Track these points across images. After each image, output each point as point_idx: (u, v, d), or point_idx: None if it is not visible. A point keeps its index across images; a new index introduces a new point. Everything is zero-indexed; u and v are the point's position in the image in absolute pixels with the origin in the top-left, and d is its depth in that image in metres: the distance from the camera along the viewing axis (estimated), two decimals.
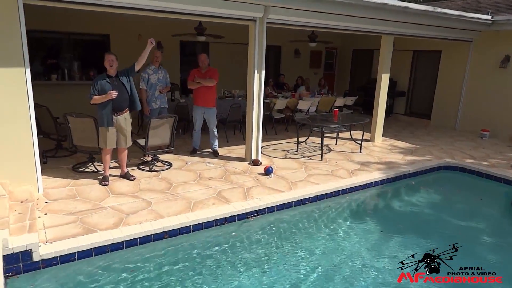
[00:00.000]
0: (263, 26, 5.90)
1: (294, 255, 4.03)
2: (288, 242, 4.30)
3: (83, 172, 5.63)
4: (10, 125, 4.38)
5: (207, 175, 5.73)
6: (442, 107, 10.39)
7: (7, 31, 4.15)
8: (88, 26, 8.81)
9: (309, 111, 9.08)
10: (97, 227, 3.97)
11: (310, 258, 3.97)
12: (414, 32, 7.77)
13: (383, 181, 6.03)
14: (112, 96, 4.90)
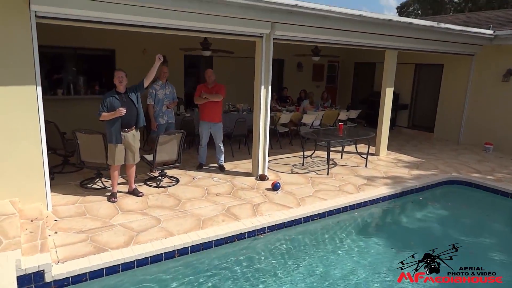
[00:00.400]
0: (269, 42, 5.96)
1: (306, 272, 4.00)
2: (300, 259, 4.27)
3: (91, 188, 5.62)
4: (21, 142, 4.39)
5: (215, 191, 5.72)
6: (445, 120, 10.44)
7: (20, 49, 4.18)
8: (94, 41, 8.87)
9: (313, 124, 9.10)
10: (108, 245, 3.95)
11: (324, 275, 3.95)
12: (417, 46, 7.85)
13: (390, 196, 6.02)
14: (121, 113, 4.92)
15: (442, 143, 9.94)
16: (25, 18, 4.14)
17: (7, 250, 3.36)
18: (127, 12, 4.54)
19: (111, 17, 4.54)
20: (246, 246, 4.44)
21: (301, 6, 5.21)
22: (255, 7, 5.02)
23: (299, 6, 5.17)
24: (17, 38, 4.15)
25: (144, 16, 4.69)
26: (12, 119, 4.28)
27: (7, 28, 4.08)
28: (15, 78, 4.21)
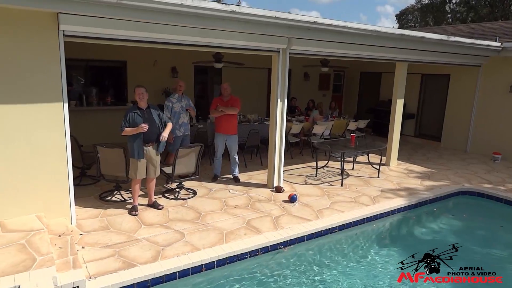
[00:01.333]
0: (286, 57, 6.06)
1: (332, 283, 4.06)
2: (324, 270, 4.34)
3: (110, 201, 5.68)
4: (47, 157, 4.45)
5: (233, 203, 5.79)
6: (452, 129, 10.55)
7: (49, 67, 4.27)
8: (106, 53, 8.96)
9: (324, 134, 9.20)
10: (136, 260, 4.01)
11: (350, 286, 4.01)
12: (427, 58, 7.97)
13: (405, 208, 6.10)
14: (144, 130, 4.99)
15: (450, 153, 10.04)
16: (53, 37, 4.23)
17: (42, 267, 3.42)
18: (153, 31, 4.64)
19: (136, 35, 4.63)
20: (270, 260, 4.51)
21: (319, 23, 5.32)
22: (275, 24, 5.13)
23: (317, 22, 5.29)
24: (46, 56, 4.24)
25: (168, 34, 4.79)
26: (39, 135, 4.36)
27: (37, 47, 4.17)
28: (44, 95, 4.30)
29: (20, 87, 4.15)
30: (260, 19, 4.92)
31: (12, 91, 4.12)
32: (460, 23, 23.78)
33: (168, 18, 4.41)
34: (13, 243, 3.80)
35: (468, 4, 25.18)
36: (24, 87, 4.17)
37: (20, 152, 4.27)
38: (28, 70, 4.17)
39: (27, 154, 4.32)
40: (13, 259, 3.51)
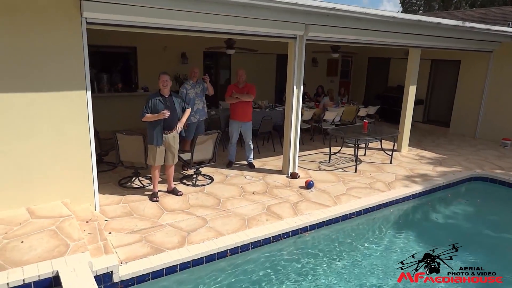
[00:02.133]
0: (302, 43, 6.05)
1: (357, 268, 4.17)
2: (346, 255, 4.45)
3: (130, 187, 5.75)
4: (71, 145, 4.50)
5: (250, 189, 5.86)
6: (461, 115, 10.56)
7: (72, 55, 4.27)
8: (116, 39, 8.92)
9: (334, 121, 9.22)
10: (164, 246, 4.09)
11: (370, 268, 4.11)
12: (440, 44, 7.93)
13: (420, 193, 6.18)
14: (165, 116, 5.01)
15: (459, 138, 10.08)
16: (76, 24, 4.22)
17: (76, 253, 3.50)
18: (173, 17, 4.63)
19: (156, 22, 4.62)
20: (292, 244, 4.61)
21: (338, 9, 5.29)
22: (294, 11, 5.11)
23: (336, 9, 5.25)
24: (69, 44, 4.24)
25: (188, 21, 4.77)
26: (64, 123, 4.39)
27: (59, 35, 4.16)
28: (67, 83, 4.32)
29: (44, 75, 4.17)
30: (280, 5, 4.89)
31: (36, 79, 4.13)
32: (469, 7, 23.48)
33: (189, 4, 4.38)
34: (45, 229, 3.88)
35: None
36: (48, 75, 4.19)
37: (46, 140, 4.32)
38: (52, 58, 4.17)
39: (52, 141, 4.36)
40: (47, 245, 3.60)
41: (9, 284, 3.06)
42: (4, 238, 3.68)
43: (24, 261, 3.32)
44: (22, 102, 4.10)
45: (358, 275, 4.07)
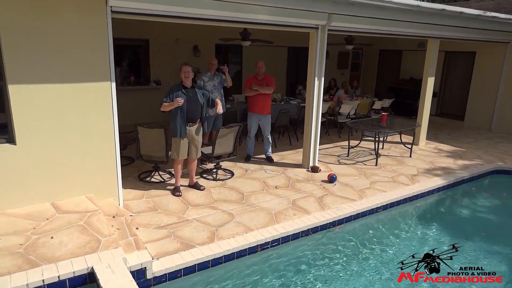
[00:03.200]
0: (324, 34, 5.91)
1: (393, 258, 4.08)
2: (378, 247, 4.36)
3: (150, 182, 5.65)
4: (95, 139, 4.38)
5: (272, 183, 5.75)
6: (476, 108, 10.42)
7: (96, 46, 4.14)
8: (129, 31, 8.76)
9: (349, 114, 9.10)
10: (193, 241, 3.99)
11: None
12: (458, 35, 7.80)
13: (444, 187, 6.07)
14: (179, 104, 4.82)
15: (474, 132, 9.96)
16: (101, 13, 4.09)
17: (109, 248, 3.40)
18: (195, 5, 4.50)
19: (181, 10, 4.49)
20: (321, 238, 4.51)
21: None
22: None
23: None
24: (94, 34, 4.10)
25: (209, 9, 4.62)
26: (89, 115, 4.27)
27: (85, 25, 4.03)
28: (92, 73, 4.19)
29: (70, 66, 4.04)
30: None
31: (62, 70, 4.01)
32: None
33: None
34: (73, 224, 3.78)
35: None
36: (73, 65, 4.06)
37: (71, 132, 4.20)
38: (76, 48, 4.04)
39: (77, 134, 4.25)
40: (78, 241, 3.50)
41: (44, 281, 2.97)
42: (33, 233, 3.58)
43: (57, 258, 3.22)
44: (47, 93, 3.98)
45: (393, 269, 3.97)
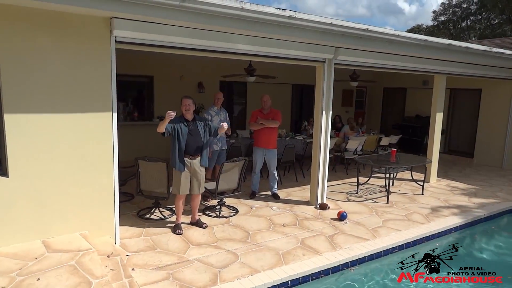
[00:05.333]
0: (331, 67, 5.84)
1: None
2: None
3: (150, 219, 5.34)
4: (94, 171, 4.15)
5: (279, 221, 5.43)
6: (486, 145, 10.20)
7: (100, 76, 4.03)
8: (133, 67, 8.81)
9: (356, 150, 8.89)
10: (194, 284, 3.64)
11: None
12: (464, 71, 7.75)
13: (461, 226, 5.71)
14: (168, 117, 4.52)
15: (485, 169, 9.67)
16: (106, 43, 4.01)
17: None
18: (208, 38, 4.44)
19: (189, 42, 4.41)
20: (334, 282, 4.13)
21: (372, 31, 5.10)
22: (328, 32, 4.90)
23: (370, 30, 5.06)
24: (98, 64, 4.00)
25: (222, 42, 4.58)
26: (87, 148, 4.07)
27: (89, 54, 3.93)
28: (94, 104, 4.04)
29: (70, 95, 3.90)
30: (316, 25, 4.68)
31: (62, 99, 3.86)
32: (477, 39, 23.71)
33: (226, 23, 4.17)
34: (63, 265, 3.46)
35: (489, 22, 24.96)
36: (74, 95, 3.92)
37: (66, 164, 3.98)
38: (78, 78, 3.92)
39: (73, 166, 4.02)
40: (66, 283, 3.17)
41: None
42: (18, 274, 3.26)
43: None
44: (45, 123, 3.80)
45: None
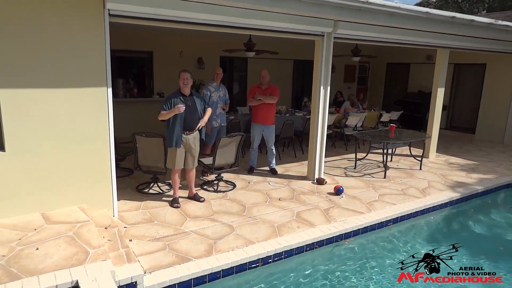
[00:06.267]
0: (330, 41, 5.75)
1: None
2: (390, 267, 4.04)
3: (148, 193, 5.43)
4: (90, 145, 4.19)
5: (276, 196, 5.50)
6: (488, 121, 10.12)
7: (93, 50, 4.01)
8: (133, 43, 8.73)
9: (356, 126, 8.86)
10: (190, 254, 3.74)
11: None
12: (468, 45, 7.58)
13: (457, 200, 5.76)
14: (180, 111, 4.66)
15: (486, 145, 9.63)
16: (99, 17, 3.96)
17: (97, 261, 3.16)
18: (200, 11, 4.36)
19: (181, 15, 4.35)
20: (328, 253, 4.22)
21: (372, 3, 4.98)
22: (325, 4, 4.80)
23: (370, 2, 4.95)
24: (91, 38, 3.97)
25: (213, 14, 4.50)
26: (83, 122, 4.10)
27: (81, 28, 3.90)
28: (88, 78, 4.04)
29: (64, 69, 3.89)
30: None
31: (56, 74, 3.86)
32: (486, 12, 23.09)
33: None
34: (61, 235, 3.55)
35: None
36: (68, 69, 3.91)
37: (63, 139, 4.02)
38: (71, 52, 3.90)
39: (70, 141, 4.06)
40: (64, 252, 3.26)
41: None
42: (18, 244, 3.36)
43: (40, 270, 2.98)
44: (40, 98, 3.82)
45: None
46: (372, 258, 4.21)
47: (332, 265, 4.02)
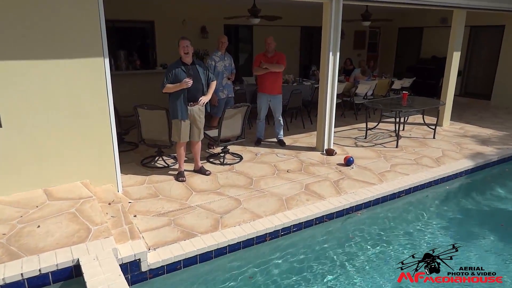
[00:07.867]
0: (339, 4, 5.41)
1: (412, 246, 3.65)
2: (403, 239, 3.91)
3: (153, 167, 5.31)
4: (89, 119, 4.03)
5: (284, 167, 5.34)
6: (504, 86, 9.71)
7: (87, 19, 3.77)
8: (133, 13, 8.41)
9: (367, 95, 8.55)
10: (195, 230, 3.63)
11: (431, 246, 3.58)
12: (486, 4, 7.13)
13: (473, 169, 5.55)
14: (187, 85, 4.48)
15: (503, 111, 9.28)
16: None
17: (99, 238, 3.07)
18: None
19: None
20: (340, 226, 4.09)
21: None
22: None
23: None
24: (84, 7, 3.72)
25: None
26: (81, 94, 3.92)
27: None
28: (83, 51, 3.82)
29: (59, 41, 3.66)
30: None
31: (51, 45, 3.64)
32: None
33: None
34: (63, 212, 3.46)
35: None
36: (63, 40, 3.69)
37: (63, 113, 3.85)
38: (66, 22, 3.66)
39: (70, 115, 3.89)
40: (66, 230, 3.17)
41: (23, 274, 2.65)
42: (19, 222, 3.27)
43: (41, 249, 2.90)
44: (37, 71, 3.63)
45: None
46: (383, 230, 4.07)
47: (344, 239, 3.90)
